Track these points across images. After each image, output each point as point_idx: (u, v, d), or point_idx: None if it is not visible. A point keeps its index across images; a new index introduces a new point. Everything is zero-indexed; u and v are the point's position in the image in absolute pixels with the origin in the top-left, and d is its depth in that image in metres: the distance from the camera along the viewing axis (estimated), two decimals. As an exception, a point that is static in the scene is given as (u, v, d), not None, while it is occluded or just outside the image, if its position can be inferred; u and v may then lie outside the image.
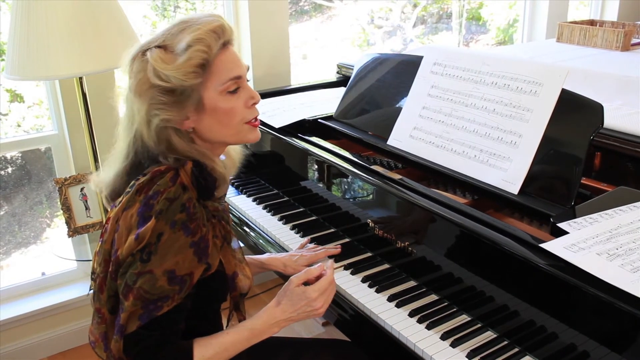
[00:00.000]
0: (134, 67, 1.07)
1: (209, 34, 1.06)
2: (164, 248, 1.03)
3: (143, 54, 1.08)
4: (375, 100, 1.82)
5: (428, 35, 3.66)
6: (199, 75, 1.06)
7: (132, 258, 1.04)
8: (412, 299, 1.37)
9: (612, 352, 1.00)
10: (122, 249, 1.05)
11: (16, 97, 2.44)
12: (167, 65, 1.04)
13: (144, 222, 1.04)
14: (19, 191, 2.46)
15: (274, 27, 2.49)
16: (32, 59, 1.66)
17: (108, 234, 1.10)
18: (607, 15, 3.88)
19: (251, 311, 1.21)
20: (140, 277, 1.03)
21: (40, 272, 2.39)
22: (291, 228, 1.75)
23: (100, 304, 1.12)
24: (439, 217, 1.32)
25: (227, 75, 1.10)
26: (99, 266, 1.11)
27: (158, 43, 1.07)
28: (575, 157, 1.28)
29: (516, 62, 1.44)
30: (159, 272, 1.03)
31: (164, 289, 1.03)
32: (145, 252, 1.03)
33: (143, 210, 1.05)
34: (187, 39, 1.05)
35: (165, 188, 1.05)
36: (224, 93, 1.11)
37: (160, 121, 1.06)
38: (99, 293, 1.12)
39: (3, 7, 2.15)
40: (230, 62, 1.11)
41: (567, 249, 1.08)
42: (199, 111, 1.10)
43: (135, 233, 1.04)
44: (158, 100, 1.05)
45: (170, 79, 1.04)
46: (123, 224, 1.06)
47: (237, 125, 1.15)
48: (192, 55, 1.05)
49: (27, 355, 2.26)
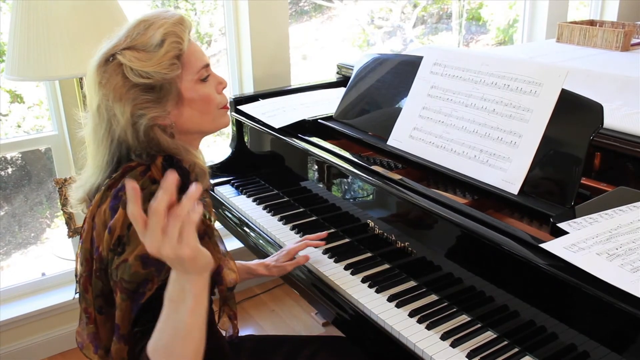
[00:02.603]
0: (106, 74, 1.07)
1: (177, 27, 1.09)
2: (135, 236, 0.99)
3: (110, 59, 1.08)
4: (375, 100, 1.82)
5: (428, 35, 3.66)
6: (178, 67, 1.08)
7: (112, 254, 1.04)
8: (412, 299, 1.37)
9: (612, 352, 1.00)
10: (102, 246, 1.06)
11: (16, 98, 2.44)
12: (146, 63, 1.05)
13: (114, 215, 1.04)
14: (19, 192, 2.46)
15: (274, 27, 2.50)
16: (32, 60, 1.66)
17: (86, 233, 1.10)
18: (607, 15, 3.88)
19: (252, 311, 1.21)
20: (119, 270, 1.02)
21: (40, 273, 2.39)
22: (291, 228, 1.75)
23: (87, 304, 1.12)
24: (439, 217, 1.32)
25: (199, 64, 1.13)
26: (81, 266, 1.11)
27: (125, 45, 1.07)
28: (575, 157, 1.28)
29: (516, 63, 1.44)
30: (132, 258, 1.01)
31: (139, 274, 1.01)
32: (120, 245, 1.03)
33: (113, 203, 1.06)
34: (158, 34, 1.07)
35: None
36: (198, 82, 1.13)
37: (148, 120, 1.07)
38: (84, 293, 1.12)
39: (3, 7, 2.15)
40: (197, 52, 1.14)
41: (567, 249, 1.08)
42: (178, 104, 1.11)
43: (107, 227, 1.05)
44: (142, 100, 1.06)
45: (151, 75, 1.05)
46: (98, 221, 1.07)
47: (214, 111, 1.17)
48: (168, 48, 1.07)
49: (27, 355, 2.26)
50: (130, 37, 1.08)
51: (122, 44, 1.08)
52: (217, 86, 1.18)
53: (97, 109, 1.09)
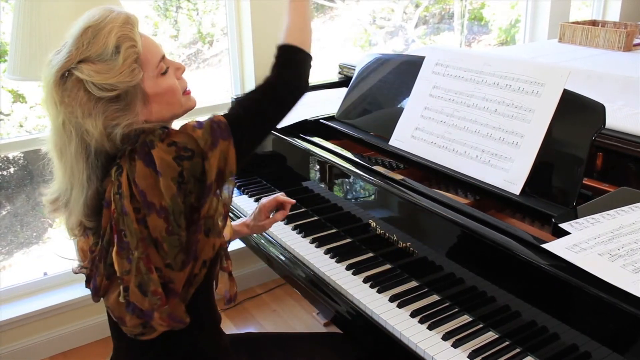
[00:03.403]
0: (66, 92, 1.04)
1: (126, 28, 1.06)
2: (180, 136, 1.06)
3: (66, 75, 1.04)
4: (377, 100, 1.82)
5: (430, 35, 3.66)
6: (139, 70, 1.06)
7: (180, 179, 1.04)
8: (414, 300, 1.37)
9: (614, 352, 1.00)
10: (164, 199, 1.04)
11: (18, 98, 2.44)
12: (106, 75, 1.03)
13: (154, 163, 1.03)
14: (21, 191, 2.47)
15: (276, 27, 2.48)
16: (35, 59, 1.66)
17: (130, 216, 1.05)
18: (609, 15, 3.88)
19: (253, 311, 1.21)
20: (201, 153, 1.05)
21: (42, 272, 2.39)
22: (293, 228, 1.75)
23: (155, 285, 1.07)
24: (441, 217, 1.32)
25: (156, 59, 1.11)
26: (137, 250, 1.06)
27: (79, 58, 1.04)
28: (577, 158, 1.28)
29: (518, 63, 1.44)
30: (193, 133, 1.06)
31: (204, 131, 1.07)
32: (183, 153, 1.04)
33: (146, 161, 1.04)
34: (111, 41, 1.04)
35: (145, 137, 1.07)
36: (159, 75, 1.11)
37: (122, 129, 1.05)
38: (149, 274, 1.07)
39: (6, 7, 2.16)
40: (151, 46, 1.11)
41: (569, 250, 1.08)
42: (145, 103, 1.10)
43: (159, 175, 1.03)
44: (112, 111, 1.04)
45: (116, 86, 1.03)
46: (144, 185, 1.04)
47: (180, 99, 1.16)
48: (126, 54, 1.04)
49: (28, 355, 2.27)
50: (81, 48, 1.04)
51: (75, 56, 1.04)
52: (176, 72, 1.17)
53: (63, 126, 1.06)
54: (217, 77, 3.04)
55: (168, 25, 2.79)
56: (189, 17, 2.88)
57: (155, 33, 2.71)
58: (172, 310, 1.10)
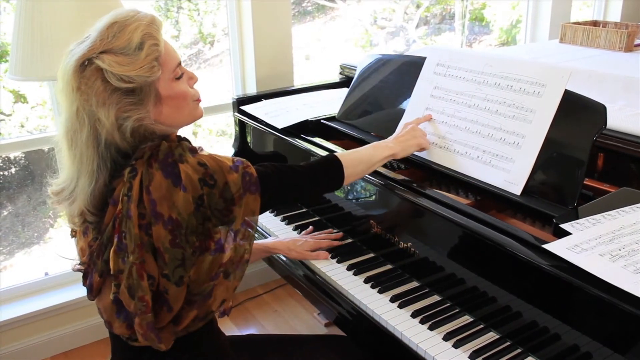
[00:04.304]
0: (84, 79, 1.06)
1: (152, 27, 1.09)
2: (212, 165, 1.10)
3: (86, 63, 1.06)
4: (378, 101, 1.82)
5: (431, 36, 3.66)
6: (158, 69, 1.09)
7: (199, 201, 1.08)
8: (415, 300, 1.37)
9: (615, 353, 1.00)
10: (176, 212, 1.06)
11: (20, 98, 2.44)
12: (127, 67, 1.05)
13: (178, 177, 1.07)
14: (23, 191, 2.47)
15: (276, 27, 2.50)
16: (36, 60, 1.66)
17: (133, 220, 1.06)
18: (610, 16, 3.88)
19: (254, 311, 1.22)
20: (225, 193, 1.11)
21: (43, 272, 2.40)
22: (294, 229, 1.75)
23: (142, 292, 1.08)
24: (442, 217, 1.32)
25: (174, 63, 1.14)
26: (132, 254, 1.07)
27: (101, 49, 1.06)
28: (578, 158, 1.28)
29: (519, 63, 1.44)
30: (230, 177, 1.12)
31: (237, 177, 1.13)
32: (208, 181, 1.09)
33: (167, 172, 1.07)
34: (136, 36, 1.07)
35: (169, 147, 1.11)
36: (173, 80, 1.14)
37: (132, 122, 1.07)
38: (139, 280, 1.07)
39: (7, 7, 2.16)
40: (171, 51, 1.15)
41: (570, 250, 1.08)
42: (157, 103, 1.12)
43: (180, 188, 1.06)
44: (125, 103, 1.06)
45: (134, 79, 1.06)
46: (157, 196, 1.06)
47: (190, 105, 1.19)
48: (148, 51, 1.07)
49: (30, 355, 2.27)
50: (105, 40, 1.07)
51: (98, 47, 1.06)
52: (189, 81, 1.20)
53: (76, 113, 1.08)
54: (218, 78, 3.05)
55: (169, 26, 2.80)
56: (190, 18, 2.89)
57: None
58: (155, 321, 1.11)
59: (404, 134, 1.50)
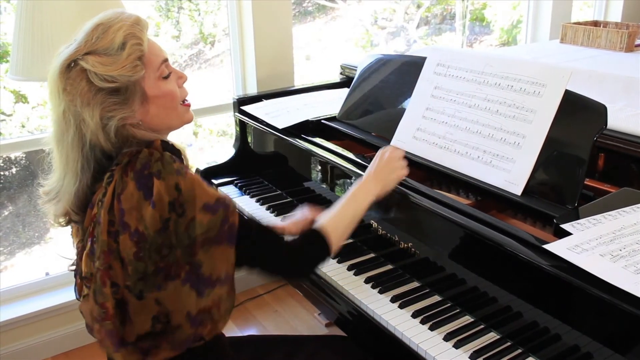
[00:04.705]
0: (70, 80, 1.08)
1: (135, 28, 1.10)
2: (188, 193, 1.06)
3: (72, 65, 1.08)
4: (378, 101, 1.82)
5: (431, 36, 3.66)
6: (141, 68, 1.10)
7: (166, 223, 1.05)
8: (415, 300, 1.37)
9: (616, 353, 1.00)
10: (143, 226, 1.05)
11: (20, 98, 2.45)
12: (109, 67, 1.07)
13: (150, 190, 1.05)
14: (23, 191, 2.47)
15: (277, 27, 2.50)
16: (37, 60, 1.66)
17: (102, 226, 1.08)
18: (610, 16, 3.88)
19: (255, 312, 1.21)
20: (191, 228, 1.06)
21: (44, 272, 2.40)
22: (294, 228, 1.75)
23: (104, 299, 1.09)
24: (442, 218, 1.32)
25: (158, 60, 1.15)
26: (98, 260, 1.08)
27: (86, 50, 1.08)
28: (579, 158, 1.28)
29: (519, 63, 1.44)
30: (198, 213, 1.06)
31: (213, 220, 1.07)
32: (177, 208, 1.05)
33: (140, 183, 1.06)
34: (119, 37, 1.08)
35: (149, 157, 1.08)
36: (160, 79, 1.15)
37: (117, 122, 1.08)
38: (101, 288, 1.09)
39: (8, 7, 2.16)
40: (156, 49, 1.16)
41: (571, 250, 1.08)
42: (143, 103, 1.13)
43: (149, 204, 1.04)
44: (109, 103, 1.07)
45: (116, 79, 1.07)
46: (127, 206, 1.06)
47: (178, 107, 1.19)
48: (130, 50, 1.08)
49: (30, 355, 2.27)
50: (89, 42, 1.09)
51: (83, 49, 1.08)
52: (177, 80, 1.20)
53: (63, 114, 1.10)
54: (219, 78, 3.05)
55: (170, 26, 2.80)
56: (191, 18, 2.89)
57: (157, 34, 2.71)
58: (115, 330, 1.10)
59: (382, 167, 1.42)
